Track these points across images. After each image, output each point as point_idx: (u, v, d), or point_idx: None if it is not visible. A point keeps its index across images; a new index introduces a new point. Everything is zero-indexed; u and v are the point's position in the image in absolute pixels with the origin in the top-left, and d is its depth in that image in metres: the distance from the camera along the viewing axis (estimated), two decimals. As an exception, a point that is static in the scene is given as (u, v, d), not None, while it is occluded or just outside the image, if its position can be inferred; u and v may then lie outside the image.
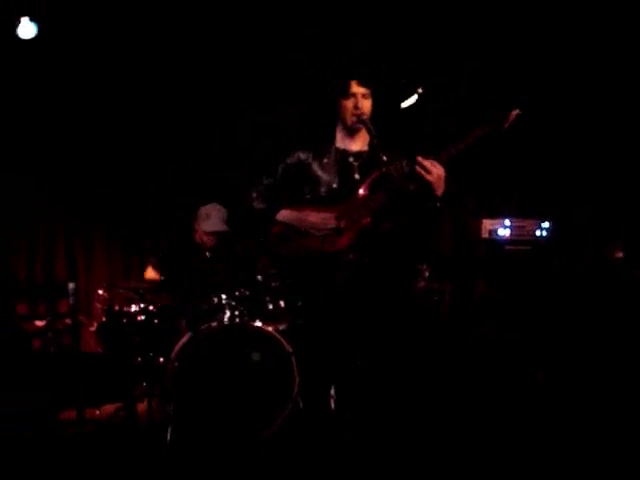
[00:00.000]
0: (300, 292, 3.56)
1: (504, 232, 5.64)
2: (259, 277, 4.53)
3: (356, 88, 3.42)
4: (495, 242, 5.65)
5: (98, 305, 4.77)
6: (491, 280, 5.54)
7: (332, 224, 3.37)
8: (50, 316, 5.09)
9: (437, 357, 4.93)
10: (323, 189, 3.47)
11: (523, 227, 5.66)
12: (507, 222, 5.65)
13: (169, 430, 3.99)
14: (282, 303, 4.42)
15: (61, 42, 5.53)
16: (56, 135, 5.96)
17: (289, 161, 3.55)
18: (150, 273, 5.08)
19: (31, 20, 5.16)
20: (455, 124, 4.87)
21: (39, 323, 5.19)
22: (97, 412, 4.65)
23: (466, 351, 5.10)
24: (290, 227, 3.47)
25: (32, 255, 5.98)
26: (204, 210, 4.99)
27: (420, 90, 5.66)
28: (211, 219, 4.93)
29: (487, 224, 5.67)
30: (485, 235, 5.67)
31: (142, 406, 4.53)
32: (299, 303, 4.02)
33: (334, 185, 3.46)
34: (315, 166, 3.50)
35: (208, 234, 4.94)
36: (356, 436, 3.41)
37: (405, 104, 5.70)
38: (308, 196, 3.50)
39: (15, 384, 4.83)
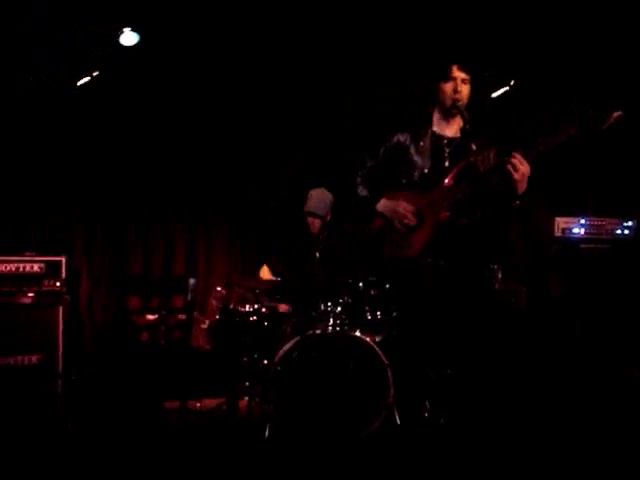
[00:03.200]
0: (394, 301, 3.75)
1: (579, 230, 5.68)
2: (360, 285, 4.54)
3: (457, 72, 3.51)
4: (569, 240, 5.67)
5: (214, 302, 4.93)
6: (565, 279, 5.57)
7: (409, 220, 3.45)
8: (164, 310, 5.32)
9: (522, 359, 4.87)
10: (417, 173, 3.56)
11: (601, 226, 5.71)
12: (582, 221, 5.69)
13: (267, 427, 4.16)
14: (379, 314, 4.50)
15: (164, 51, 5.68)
16: (175, 133, 6.26)
17: (389, 143, 3.67)
18: (265, 273, 5.23)
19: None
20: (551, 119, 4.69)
21: (150, 317, 5.46)
22: (198, 405, 4.92)
23: (547, 352, 5.12)
24: (388, 222, 3.56)
25: (150, 252, 6.28)
26: (313, 193, 5.04)
27: (512, 82, 5.70)
28: (312, 200, 4.98)
29: (560, 222, 5.70)
30: (558, 233, 5.69)
31: (243, 403, 4.79)
32: (394, 314, 4.35)
33: (425, 170, 3.55)
34: (412, 149, 3.60)
35: (308, 215, 4.99)
36: (451, 442, 3.49)
37: (495, 94, 5.74)
38: (404, 180, 3.60)
39: (121, 373, 5.26)
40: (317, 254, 4.93)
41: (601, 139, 3.25)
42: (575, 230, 5.70)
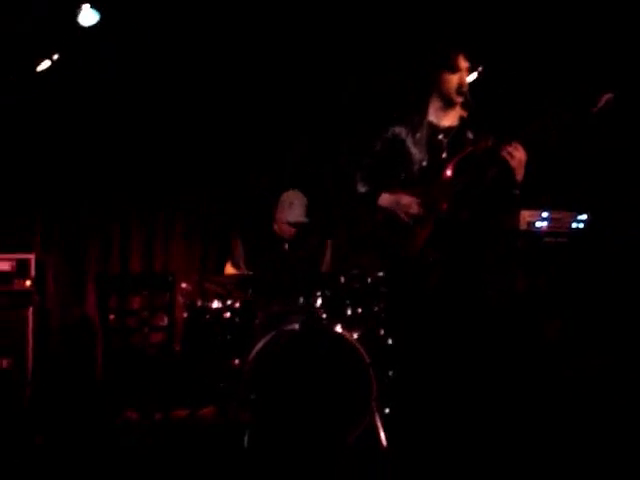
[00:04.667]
0: (395, 298, 3.56)
1: (542, 224, 5.64)
2: (342, 278, 4.41)
3: (463, 63, 3.40)
4: (534, 234, 5.62)
5: (180, 299, 4.67)
6: (531, 272, 5.50)
7: (415, 209, 3.34)
8: (147, 311, 4.87)
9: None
10: (416, 167, 3.45)
11: (560, 219, 5.67)
12: (545, 214, 5.65)
13: (246, 435, 3.94)
14: (360, 309, 4.37)
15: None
16: (130, 128, 5.98)
17: (385, 137, 3.56)
18: (229, 269, 5.02)
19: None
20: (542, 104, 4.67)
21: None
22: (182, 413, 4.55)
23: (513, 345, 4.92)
24: (389, 217, 3.45)
25: (107, 248, 5.98)
26: (287, 198, 4.86)
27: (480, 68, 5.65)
28: (295, 209, 4.80)
29: (526, 215, 5.63)
30: (524, 227, 5.63)
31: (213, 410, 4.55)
32: (376, 309, 4.23)
33: (424, 163, 3.43)
34: (409, 142, 3.48)
35: (290, 225, 4.83)
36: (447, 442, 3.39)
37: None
38: (403, 175, 3.50)
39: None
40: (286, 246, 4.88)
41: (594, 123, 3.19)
42: (538, 224, 5.67)
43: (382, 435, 3.97)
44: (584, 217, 5.70)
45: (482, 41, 4.96)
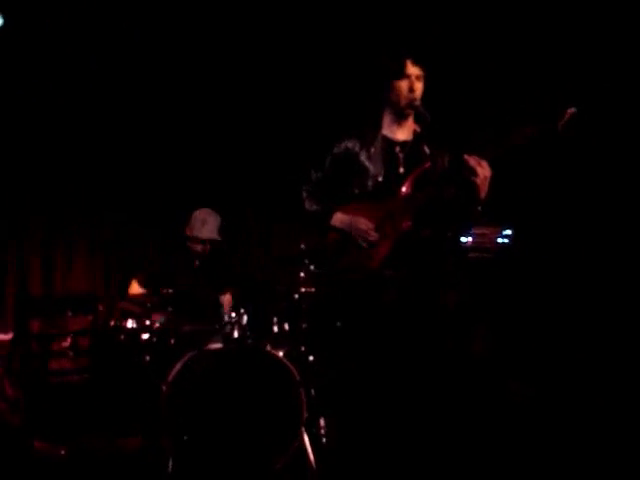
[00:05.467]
0: (345, 313, 3.30)
1: (466, 239, 5.54)
2: (268, 294, 4.32)
3: (411, 69, 3.23)
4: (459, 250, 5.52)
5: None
6: (458, 288, 5.44)
7: (372, 236, 3.18)
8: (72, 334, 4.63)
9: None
10: (370, 182, 3.27)
11: (485, 234, 5.60)
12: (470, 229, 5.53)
13: (170, 461, 3.69)
14: (286, 326, 4.24)
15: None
16: (33, 142, 5.70)
17: (337, 151, 3.36)
18: (135, 288, 4.76)
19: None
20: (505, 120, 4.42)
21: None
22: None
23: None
24: (345, 235, 3.26)
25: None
26: (199, 215, 4.75)
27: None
28: (208, 225, 4.69)
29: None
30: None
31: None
32: (304, 326, 4.06)
33: (379, 178, 3.26)
34: (363, 156, 3.30)
35: (204, 241, 4.70)
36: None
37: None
38: (356, 190, 3.30)
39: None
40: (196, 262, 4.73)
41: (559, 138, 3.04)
42: (463, 239, 5.54)
43: (311, 457, 3.79)
44: (509, 232, 5.65)
45: (434, 47, 4.87)
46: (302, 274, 4.41)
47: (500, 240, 5.65)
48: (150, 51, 5.63)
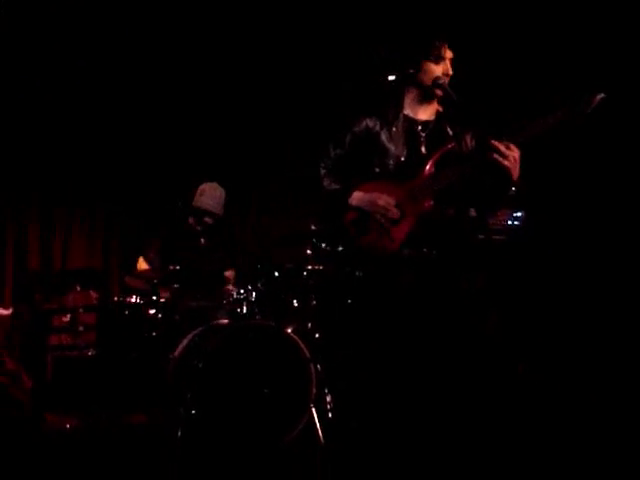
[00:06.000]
0: (359, 292, 3.24)
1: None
2: (276, 273, 4.26)
3: (447, 52, 3.19)
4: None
5: (94, 295, 4.45)
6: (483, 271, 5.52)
7: (393, 213, 3.09)
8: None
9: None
10: (392, 162, 3.21)
11: (496, 216, 5.44)
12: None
13: (179, 432, 3.63)
14: (295, 303, 4.20)
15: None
16: (35, 123, 5.69)
17: (356, 129, 3.29)
18: (142, 265, 4.70)
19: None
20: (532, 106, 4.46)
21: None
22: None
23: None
24: (363, 215, 3.17)
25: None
26: (205, 188, 4.68)
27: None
28: (212, 198, 4.63)
29: None
30: None
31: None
32: (313, 303, 4.00)
33: (402, 158, 3.20)
34: (383, 136, 3.24)
35: (206, 213, 4.62)
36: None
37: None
38: (377, 169, 3.22)
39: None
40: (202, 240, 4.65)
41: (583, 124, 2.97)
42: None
43: (320, 432, 3.72)
44: (519, 214, 5.57)
45: (469, 34, 4.87)
46: (308, 251, 4.35)
47: (510, 222, 5.57)
48: (146, 36, 5.54)
